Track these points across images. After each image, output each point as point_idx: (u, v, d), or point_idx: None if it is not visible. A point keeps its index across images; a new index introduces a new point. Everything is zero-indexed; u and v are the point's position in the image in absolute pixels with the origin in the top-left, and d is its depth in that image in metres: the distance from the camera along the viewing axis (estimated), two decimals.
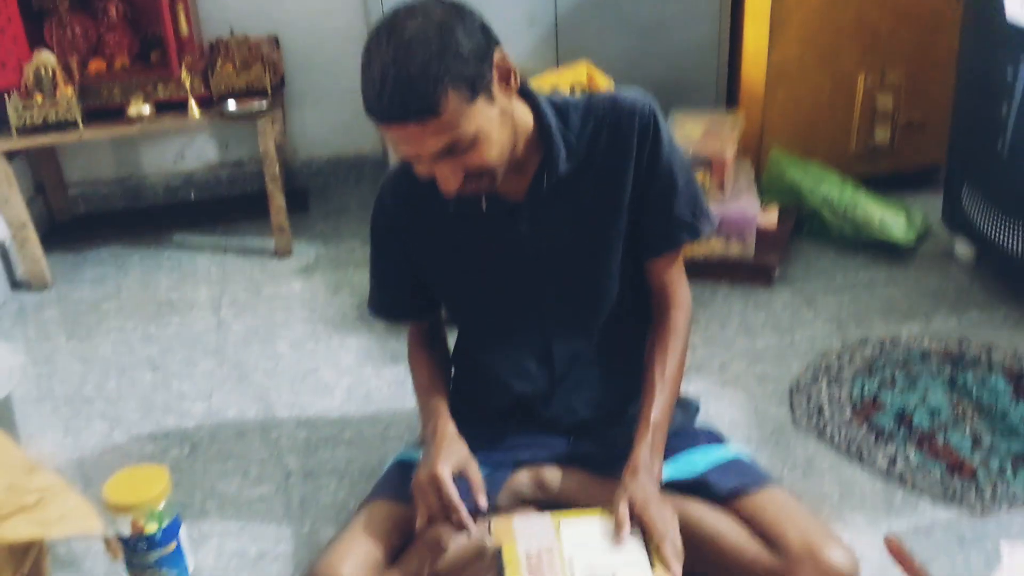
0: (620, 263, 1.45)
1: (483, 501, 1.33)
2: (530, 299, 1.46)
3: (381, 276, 1.53)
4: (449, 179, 1.22)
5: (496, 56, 1.21)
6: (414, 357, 1.56)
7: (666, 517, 1.31)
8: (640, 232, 1.44)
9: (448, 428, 1.41)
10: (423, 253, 1.47)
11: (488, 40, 1.20)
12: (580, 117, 1.38)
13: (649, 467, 1.36)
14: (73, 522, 1.17)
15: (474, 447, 1.54)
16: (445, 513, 1.33)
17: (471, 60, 1.16)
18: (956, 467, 1.68)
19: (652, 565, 1.24)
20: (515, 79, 1.25)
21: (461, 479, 1.36)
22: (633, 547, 1.28)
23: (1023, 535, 0.75)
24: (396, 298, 1.54)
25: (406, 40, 1.14)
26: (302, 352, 2.22)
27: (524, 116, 1.32)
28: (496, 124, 1.23)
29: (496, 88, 1.22)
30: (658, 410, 1.41)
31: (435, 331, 1.60)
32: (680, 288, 1.48)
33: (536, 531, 1.32)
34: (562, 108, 1.38)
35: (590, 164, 1.38)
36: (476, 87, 1.17)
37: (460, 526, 1.32)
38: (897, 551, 0.77)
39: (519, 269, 1.43)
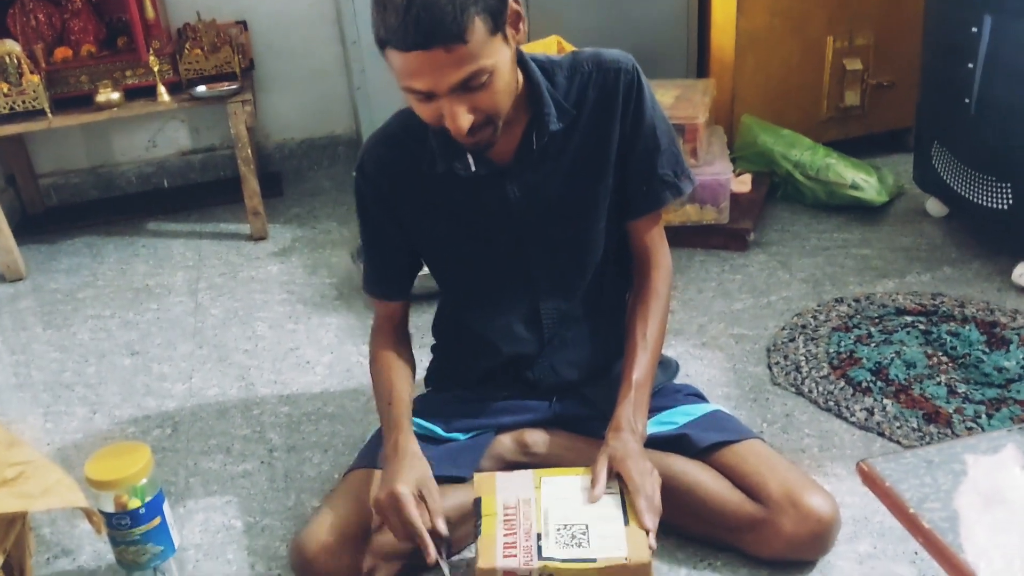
0: (606, 222, 1.46)
1: (441, 526, 1.28)
2: (517, 260, 1.46)
3: (374, 250, 1.50)
4: (461, 117, 1.20)
5: None
6: (378, 360, 1.50)
7: (644, 472, 1.32)
8: (623, 192, 1.44)
9: (410, 445, 1.37)
10: (409, 217, 1.45)
11: None
12: (566, 76, 1.38)
13: (632, 425, 1.37)
14: (56, 495, 1.18)
15: (456, 413, 1.55)
16: (406, 534, 1.29)
17: None
18: (932, 415, 1.70)
19: (627, 522, 1.26)
20: (524, 26, 1.25)
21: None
22: (610, 503, 1.29)
23: (987, 454, 0.77)
24: (391, 271, 1.51)
25: None
26: (282, 332, 2.22)
27: (517, 73, 1.31)
28: (508, 66, 1.23)
29: (509, 30, 1.22)
30: (640, 370, 1.42)
31: (403, 323, 1.57)
32: (661, 251, 1.49)
33: (516, 485, 1.33)
34: (547, 68, 1.38)
35: (577, 123, 1.38)
36: (498, 21, 1.17)
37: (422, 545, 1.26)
38: (868, 475, 0.79)
39: (506, 230, 1.43)
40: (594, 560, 1.20)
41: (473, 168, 1.36)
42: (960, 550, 0.69)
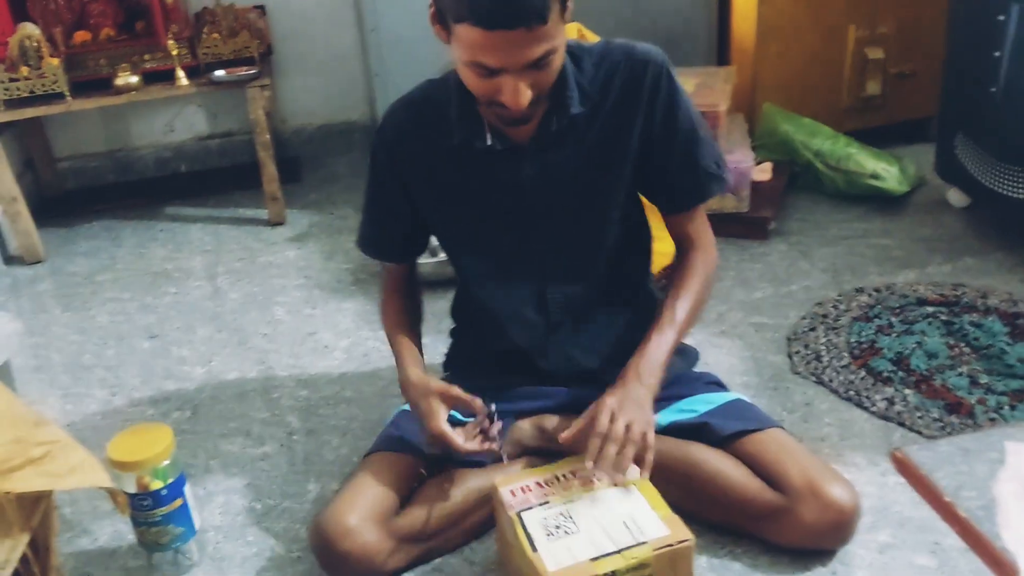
0: (621, 212, 1.45)
1: (479, 406, 1.39)
2: (527, 241, 1.46)
3: (375, 211, 1.53)
4: (524, 93, 1.23)
5: None
6: (385, 303, 1.57)
7: (625, 413, 1.31)
8: (665, 185, 1.45)
9: (411, 374, 1.44)
10: (422, 187, 1.46)
11: None
12: (593, 64, 1.38)
13: (631, 385, 1.36)
14: (83, 475, 1.17)
15: None
16: (470, 455, 1.38)
17: None
18: (954, 406, 1.69)
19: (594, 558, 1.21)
20: (572, 6, 1.27)
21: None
22: (619, 530, 1.24)
23: None
24: (387, 235, 1.53)
25: None
26: (300, 316, 2.22)
27: None
28: (564, 46, 1.27)
29: (566, 11, 1.24)
30: (654, 342, 1.40)
31: (411, 278, 1.59)
32: (703, 236, 1.49)
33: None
34: (576, 53, 1.38)
35: (599, 110, 1.39)
36: (564, 5, 1.21)
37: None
38: (902, 463, 0.78)
39: (518, 211, 1.43)
40: (535, 551, 1.21)
41: (489, 142, 1.36)
42: (997, 539, 0.69)
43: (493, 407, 1.40)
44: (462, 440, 1.36)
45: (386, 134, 1.45)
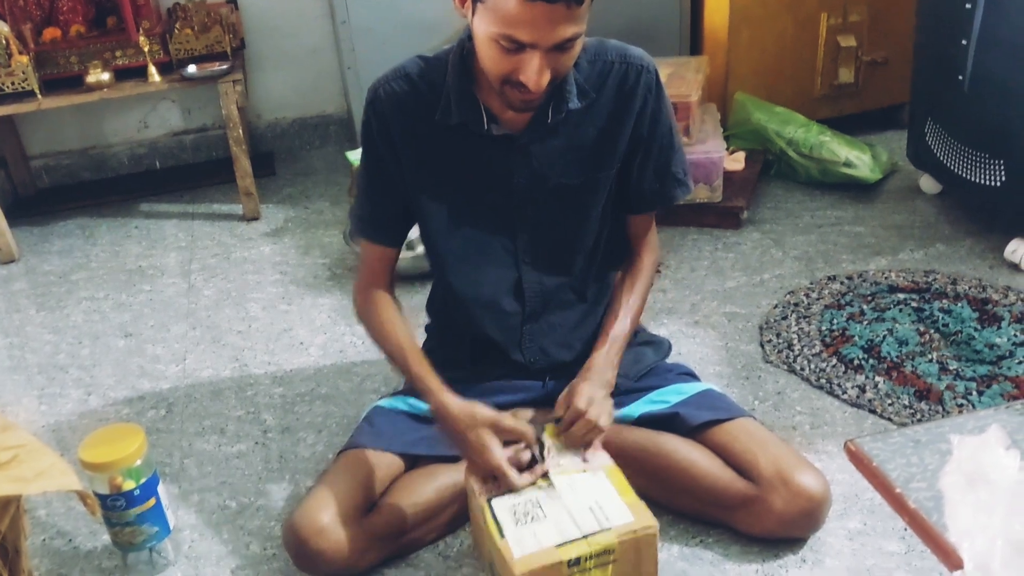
0: (602, 210, 1.47)
1: (529, 432, 1.37)
2: (508, 229, 1.46)
3: (372, 186, 1.46)
4: (545, 74, 1.23)
5: None
6: (374, 304, 1.48)
7: (593, 399, 1.38)
8: (636, 188, 1.47)
9: (447, 401, 1.37)
10: (410, 162, 1.43)
11: None
12: (588, 61, 1.39)
13: (601, 372, 1.43)
14: (50, 479, 1.17)
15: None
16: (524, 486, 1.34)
17: None
18: (924, 392, 1.71)
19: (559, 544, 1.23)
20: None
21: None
22: (587, 517, 1.26)
23: (973, 434, 0.78)
24: (384, 212, 1.47)
25: None
26: (275, 313, 2.22)
27: None
28: (584, 38, 1.27)
29: None
30: (617, 328, 1.48)
31: (393, 271, 1.54)
32: (653, 235, 1.58)
33: (573, 459, 1.38)
34: None
35: (593, 108, 1.40)
36: None
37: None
38: (855, 454, 0.79)
39: (503, 197, 1.43)
40: (503, 537, 1.23)
41: (486, 127, 1.36)
42: (944, 529, 0.70)
43: (542, 437, 1.39)
44: (517, 475, 1.32)
45: (379, 104, 1.39)
